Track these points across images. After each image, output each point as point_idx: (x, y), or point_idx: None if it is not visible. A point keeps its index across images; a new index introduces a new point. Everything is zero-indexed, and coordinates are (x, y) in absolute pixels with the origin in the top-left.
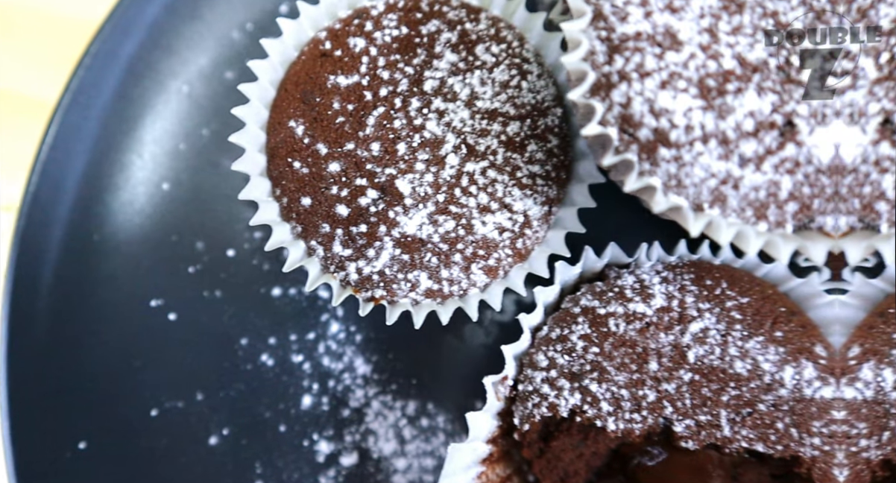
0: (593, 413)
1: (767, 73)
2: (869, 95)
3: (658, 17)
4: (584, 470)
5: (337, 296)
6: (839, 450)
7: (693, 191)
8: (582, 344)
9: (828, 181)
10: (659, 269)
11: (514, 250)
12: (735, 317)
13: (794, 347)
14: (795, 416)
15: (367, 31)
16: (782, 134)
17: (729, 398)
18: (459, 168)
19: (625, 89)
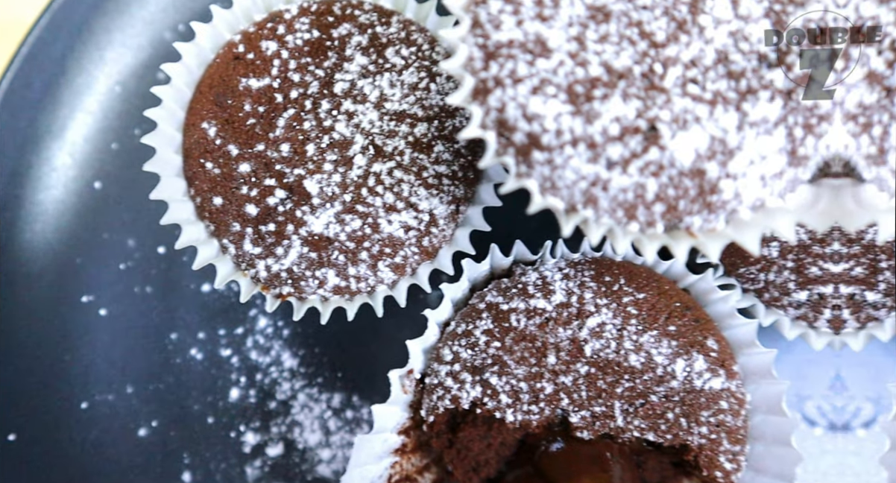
0: (493, 405)
1: (632, 80)
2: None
3: (529, 26)
4: (495, 460)
5: (245, 293)
6: (725, 438)
7: (566, 192)
8: (485, 339)
9: (691, 183)
10: (561, 266)
11: (421, 248)
12: (631, 312)
13: (687, 341)
14: (685, 406)
15: (279, 35)
16: (646, 138)
17: (623, 390)
18: (367, 168)
19: (500, 94)
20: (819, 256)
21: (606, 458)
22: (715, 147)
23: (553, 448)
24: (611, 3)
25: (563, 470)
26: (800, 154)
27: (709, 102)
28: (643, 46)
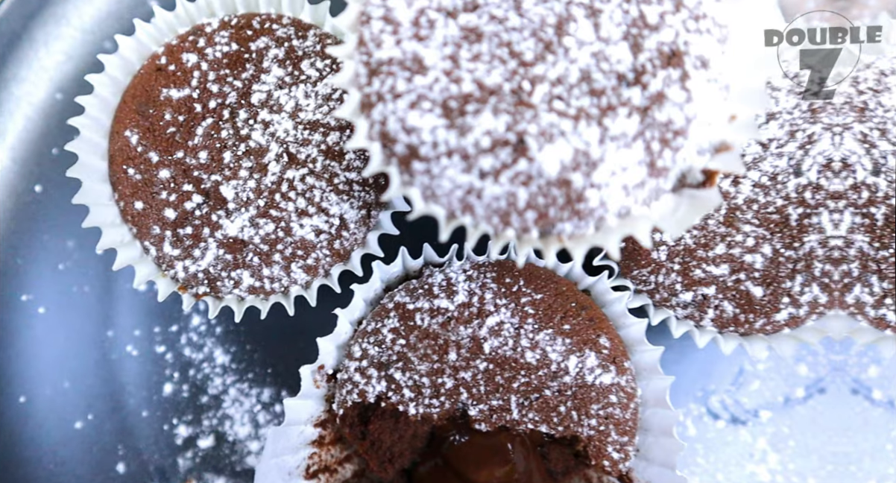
0: (397, 399)
1: (502, 97)
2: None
3: (407, 45)
4: (408, 452)
5: (162, 292)
6: (613, 429)
7: (445, 200)
8: (391, 336)
9: (558, 192)
10: (466, 268)
11: (332, 250)
12: (528, 311)
13: (580, 339)
14: (577, 400)
15: (199, 47)
16: (515, 150)
17: (519, 385)
18: (281, 175)
19: (382, 108)
20: (702, 260)
21: (507, 449)
22: (579, 159)
23: (458, 440)
24: (483, 24)
25: (467, 460)
26: (658, 166)
27: (573, 117)
28: (513, 65)
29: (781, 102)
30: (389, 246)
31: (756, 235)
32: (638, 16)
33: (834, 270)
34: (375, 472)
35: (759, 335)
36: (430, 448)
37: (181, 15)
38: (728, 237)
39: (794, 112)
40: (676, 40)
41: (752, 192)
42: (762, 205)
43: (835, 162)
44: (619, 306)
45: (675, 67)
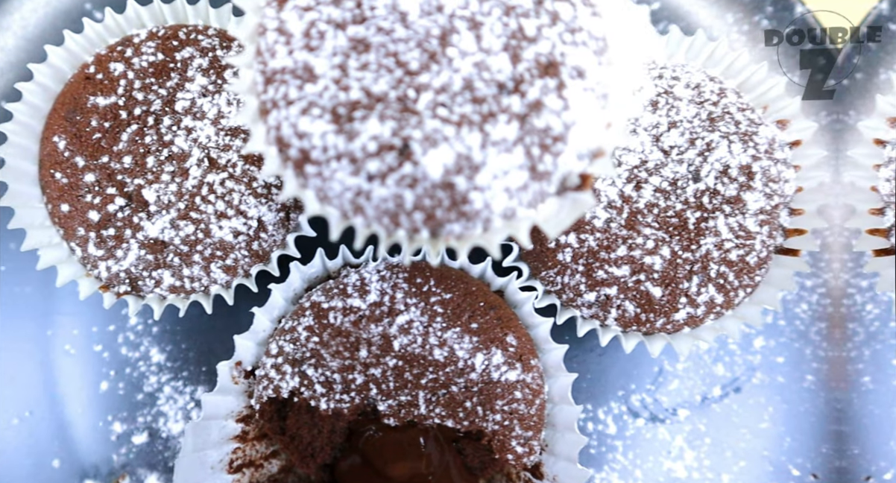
0: (309, 394)
1: (388, 104)
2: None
3: (298, 55)
4: (329, 447)
5: (83, 292)
6: (518, 424)
7: (337, 202)
8: (305, 334)
9: (443, 194)
10: (380, 268)
11: (251, 251)
12: (437, 310)
13: (487, 337)
14: (482, 396)
15: (126, 57)
16: (401, 154)
17: (427, 381)
18: (201, 179)
19: (276, 115)
20: (605, 261)
21: (419, 444)
22: (462, 163)
23: (374, 435)
24: (370, 36)
25: (381, 455)
26: (540, 170)
27: (456, 123)
28: (399, 74)
29: (682, 112)
30: (313, 248)
31: (656, 238)
32: (517, 28)
33: (729, 271)
34: (298, 466)
35: (661, 334)
36: (349, 444)
37: (112, 26)
38: (629, 240)
39: (693, 121)
40: (553, 51)
41: (654, 196)
42: (663, 209)
43: (731, 168)
44: (528, 306)
45: (551, 77)
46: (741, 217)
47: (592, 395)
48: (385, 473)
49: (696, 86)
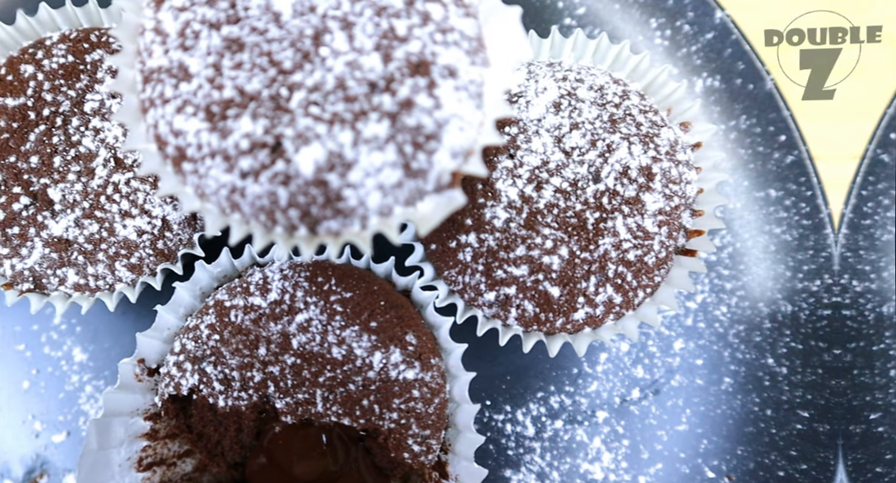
0: (208, 392)
1: (262, 102)
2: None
3: (174, 54)
4: (238, 446)
5: None
6: (414, 423)
7: (214, 199)
8: (207, 332)
9: (317, 191)
10: (283, 267)
11: (156, 250)
12: (337, 309)
13: (386, 335)
14: (379, 394)
15: (37, 59)
16: (273, 152)
17: (325, 379)
18: (107, 178)
19: (153, 113)
20: (504, 261)
21: (321, 442)
22: (333, 160)
23: (277, 433)
24: (245, 36)
25: (284, 454)
26: (414, 168)
27: (328, 122)
28: (272, 73)
29: (585, 113)
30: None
31: (555, 238)
32: (388, 28)
33: (627, 272)
34: (209, 465)
35: (562, 334)
36: (259, 442)
37: (26, 29)
38: (528, 239)
39: (595, 122)
40: (424, 51)
41: (554, 197)
42: (562, 209)
43: (631, 170)
44: (429, 305)
45: (422, 76)
46: (640, 218)
47: (512, 397)
48: (289, 472)
49: (599, 88)
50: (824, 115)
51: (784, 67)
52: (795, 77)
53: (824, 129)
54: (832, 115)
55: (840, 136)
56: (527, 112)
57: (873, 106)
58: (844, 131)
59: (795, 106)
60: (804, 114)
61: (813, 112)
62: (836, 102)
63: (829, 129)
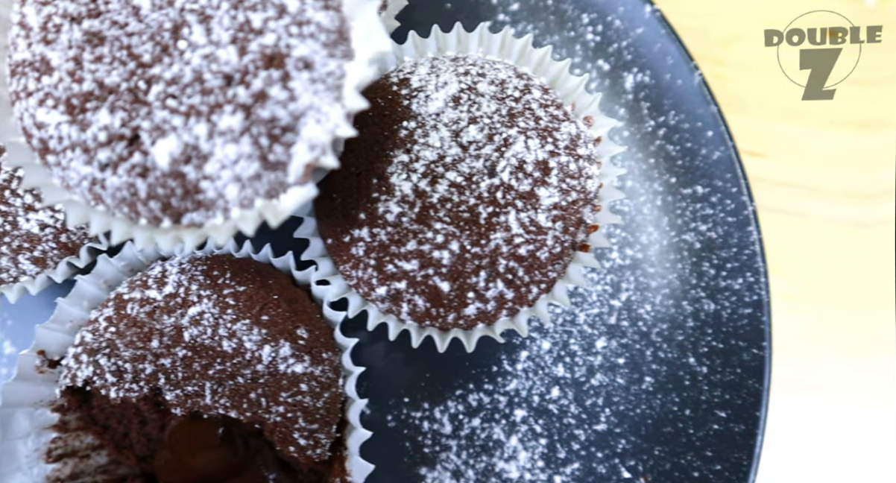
0: (100, 383)
1: (120, 95)
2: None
3: (36, 48)
4: (145, 438)
5: None
6: (301, 417)
7: (78, 190)
8: (104, 324)
9: (174, 184)
10: (182, 261)
11: (59, 244)
12: (229, 302)
13: (277, 329)
14: (267, 387)
15: None
16: (130, 144)
17: (214, 372)
18: (12, 173)
19: (19, 106)
20: (395, 255)
21: (215, 435)
22: (189, 152)
23: (177, 426)
24: (105, 29)
25: (183, 446)
26: (271, 160)
27: (184, 114)
28: (132, 66)
29: (484, 107)
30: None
31: (446, 233)
32: (244, 21)
33: (518, 267)
34: (118, 457)
35: (456, 329)
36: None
37: None
38: (420, 234)
39: (494, 117)
40: (278, 43)
41: (448, 191)
42: (456, 204)
43: (527, 164)
44: (325, 300)
45: (276, 68)
46: (533, 212)
47: (431, 395)
48: (190, 465)
49: (500, 82)
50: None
51: (784, 67)
52: (795, 77)
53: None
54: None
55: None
56: (426, 106)
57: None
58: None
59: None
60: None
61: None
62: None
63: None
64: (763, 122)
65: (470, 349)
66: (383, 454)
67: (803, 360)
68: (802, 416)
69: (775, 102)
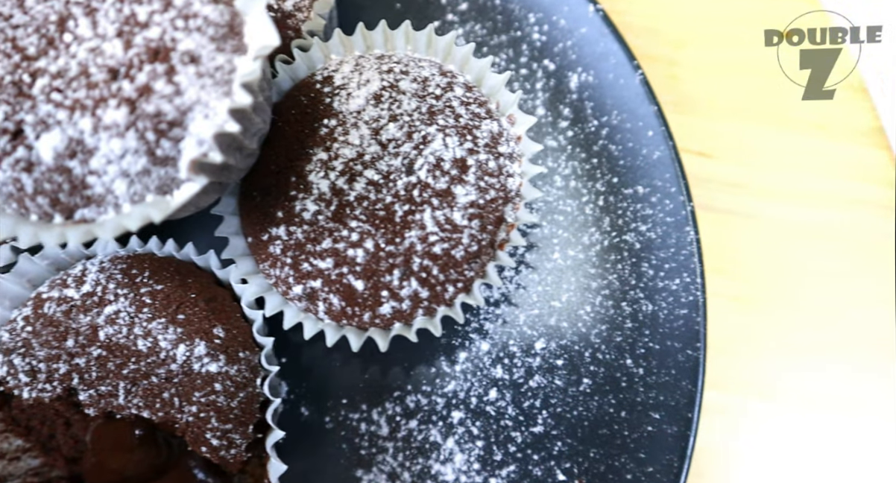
0: (14, 383)
1: (3, 88)
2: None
3: None
4: (72, 440)
5: None
6: (214, 417)
7: None
8: (22, 324)
9: (61, 179)
10: (103, 260)
11: None
12: (145, 301)
13: (193, 328)
14: (181, 387)
15: None
16: (14, 138)
17: (129, 372)
18: None
19: None
20: (311, 254)
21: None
22: (74, 147)
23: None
24: None
25: (102, 448)
26: (159, 155)
27: (69, 108)
28: (17, 59)
29: (404, 105)
30: None
31: (361, 231)
32: (130, 14)
33: (433, 265)
34: (47, 460)
35: (373, 328)
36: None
37: None
38: (335, 232)
39: (414, 114)
40: (163, 37)
41: (366, 189)
42: (372, 202)
43: (445, 162)
44: (244, 299)
45: (161, 62)
46: (449, 210)
47: (369, 396)
48: (113, 467)
49: (423, 80)
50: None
51: (784, 67)
52: (795, 77)
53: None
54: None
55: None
56: (347, 104)
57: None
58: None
59: (674, 100)
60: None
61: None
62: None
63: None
64: (714, 122)
65: (383, 349)
66: (320, 456)
67: (750, 362)
68: (749, 418)
69: (727, 103)
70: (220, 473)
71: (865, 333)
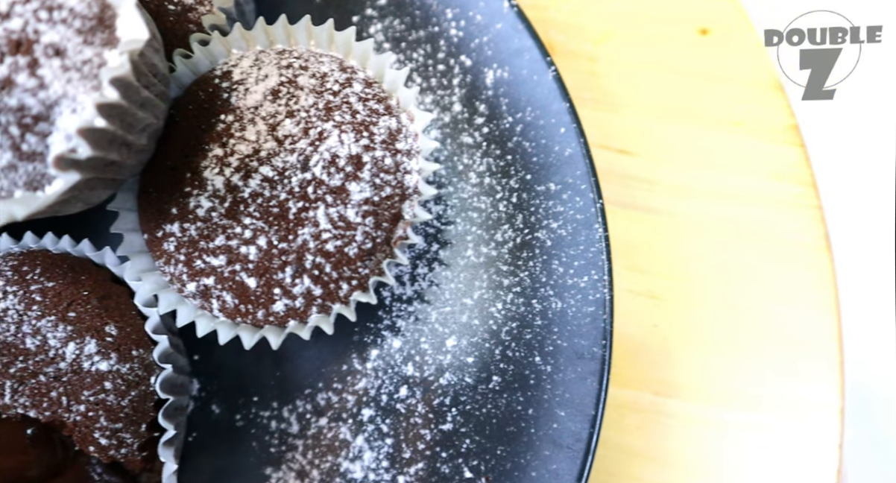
0: None
1: None
2: None
3: None
4: None
5: None
6: (104, 416)
7: None
8: None
9: None
10: None
11: None
12: (35, 298)
13: (84, 326)
14: (69, 386)
15: None
16: None
17: (16, 370)
18: None
19: None
20: (204, 251)
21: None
22: None
23: None
24: None
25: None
26: (26, 150)
27: None
28: None
29: (302, 101)
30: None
31: (255, 228)
32: None
33: (325, 263)
34: None
35: (269, 326)
36: None
37: None
38: (228, 229)
39: (311, 110)
40: (26, 29)
41: (260, 186)
42: (266, 199)
43: (340, 158)
44: (138, 297)
45: (24, 55)
46: (343, 207)
47: (280, 394)
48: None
49: (322, 75)
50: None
51: (784, 67)
52: (795, 77)
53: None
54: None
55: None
56: (244, 100)
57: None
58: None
59: (595, 97)
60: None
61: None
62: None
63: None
64: (635, 120)
65: (275, 347)
66: (230, 454)
67: (664, 359)
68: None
69: (648, 100)
70: (123, 472)
71: (780, 331)
